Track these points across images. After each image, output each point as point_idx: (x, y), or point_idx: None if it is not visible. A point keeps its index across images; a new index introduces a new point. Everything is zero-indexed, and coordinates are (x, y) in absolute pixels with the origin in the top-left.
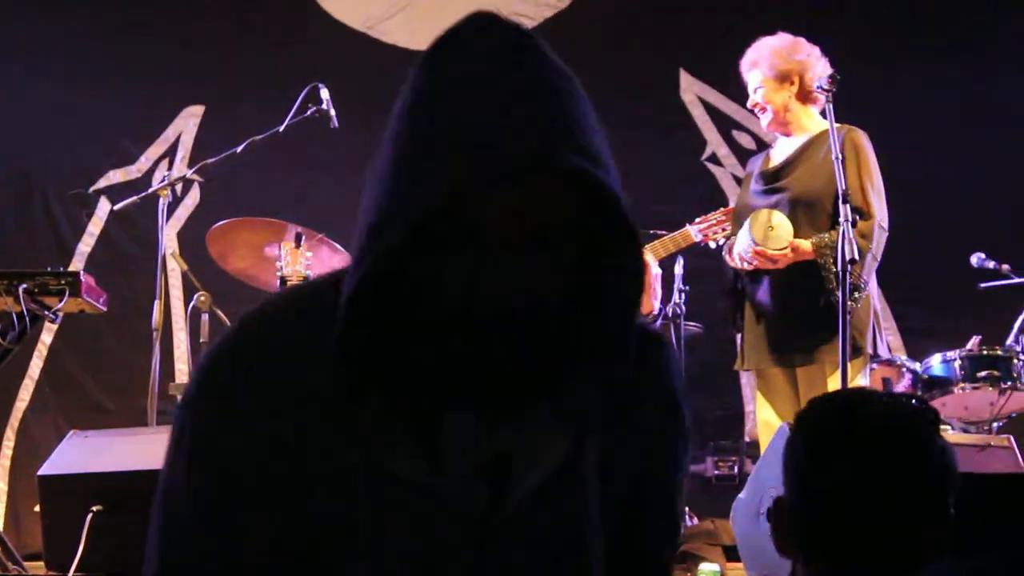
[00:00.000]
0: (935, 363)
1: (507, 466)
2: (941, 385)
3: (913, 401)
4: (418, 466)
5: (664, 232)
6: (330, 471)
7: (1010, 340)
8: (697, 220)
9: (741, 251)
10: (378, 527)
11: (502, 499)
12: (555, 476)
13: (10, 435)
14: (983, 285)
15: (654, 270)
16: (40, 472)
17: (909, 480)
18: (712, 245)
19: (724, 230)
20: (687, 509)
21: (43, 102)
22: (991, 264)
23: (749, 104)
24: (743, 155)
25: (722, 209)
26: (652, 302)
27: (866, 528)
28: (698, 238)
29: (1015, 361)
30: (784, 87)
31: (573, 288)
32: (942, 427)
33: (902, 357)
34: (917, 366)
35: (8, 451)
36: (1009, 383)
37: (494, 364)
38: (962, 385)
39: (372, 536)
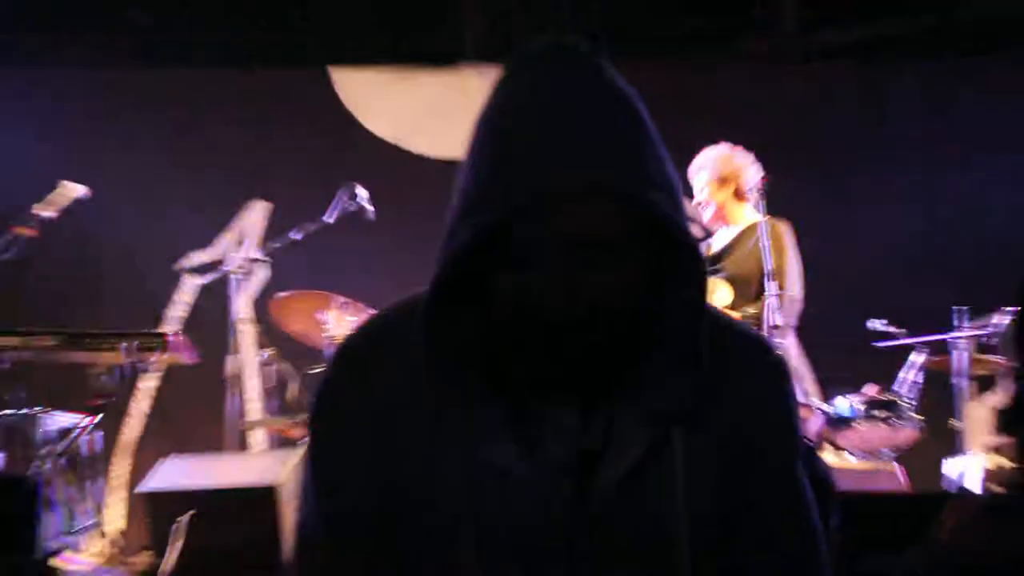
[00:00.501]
0: (841, 405)
1: (594, 458)
2: (845, 422)
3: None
4: (510, 453)
5: None
6: (428, 459)
7: (895, 386)
8: None
9: None
10: (474, 512)
11: (588, 489)
12: (640, 469)
13: (125, 458)
14: (877, 343)
15: None
16: (143, 488)
17: None
18: None
19: None
20: None
21: (140, 196)
22: (884, 326)
23: (694, 202)
24: None
25: None
26: None
27: None
28: None
29: (902, 403)
30: (724, 188)
31: (639, 295)
32: (845, 455)
33: (816, 400)
34: (827, 407)
35: (124, 470)
36: (898, 421)
37: (574, 363)
38: (861, 422)
39: (470, 521)
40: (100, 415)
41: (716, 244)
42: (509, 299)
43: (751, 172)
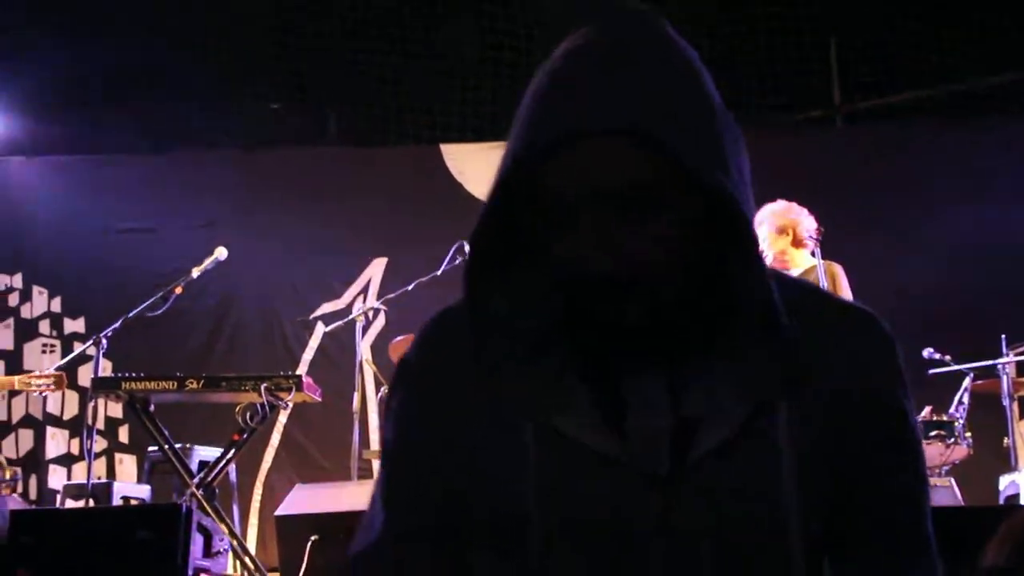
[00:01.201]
0: None
1: (687, 431)
2: None
3: None
4: (593, 426)
5: None
6: (503, 430)
7: (951, 410)
8: None
9: None
10: (550, 488)
11: (682, 460)
12: (738, 438)
13: (259, 487)
14: (932, 371)
15: None
16: (276, 512)
17: None
18: None
19: None
20: None
21: (276, 252)
22: (937, 355)
23: None
24: None
25: None
26: None
27: None
28: None
29: (956, 424)
30: (781, 237)
31: (688, 252)
32: None
33: None
34: None
35: (258, 497)
36: (952, 439)
37: (644, 331)
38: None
39: (544, 497)
40: (238, 450)
41: None
42: (560, 261)
43: (806, 222)
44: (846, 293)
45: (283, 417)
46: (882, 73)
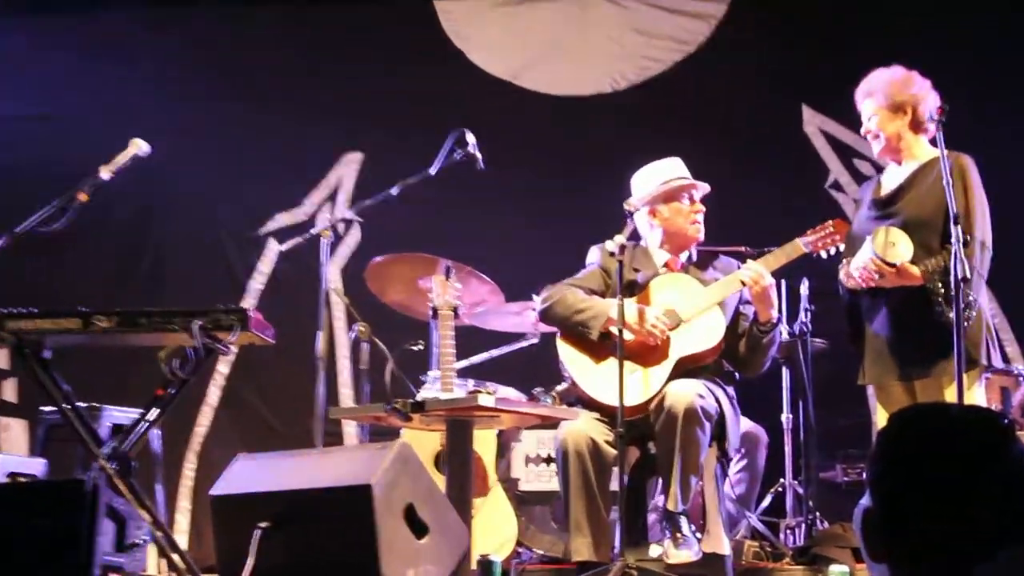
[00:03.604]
0: None
1: None
2: None
3: (989, 414)
4: None
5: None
6: None
7: None
8: (807, 232)
9: (858, 264)
10: None
11: None
12: None
13: (191, 458)
14: None
15: (767, 280)
16: (212, 492)
17: (983, 487)
18: (823, 255)
19: (834, 241)
20: (817, 514)
21: (214, 151)
22: None
23: (863, 131)
24: (864, 181)
25: (831, 221)
26: (770, 311)
27: (942, 536)
28: (807, 249)
29: None
30: (898, 117)
31: None
32: None
33: (1019, 366)
34: None
35: (190, 473)
36: None
37: None
38: None
39: None
40: (163, 409)
41: (888, 183)
42: None
43: (930, 99)
44: (979, 195)
45: (223, 366)
46: None
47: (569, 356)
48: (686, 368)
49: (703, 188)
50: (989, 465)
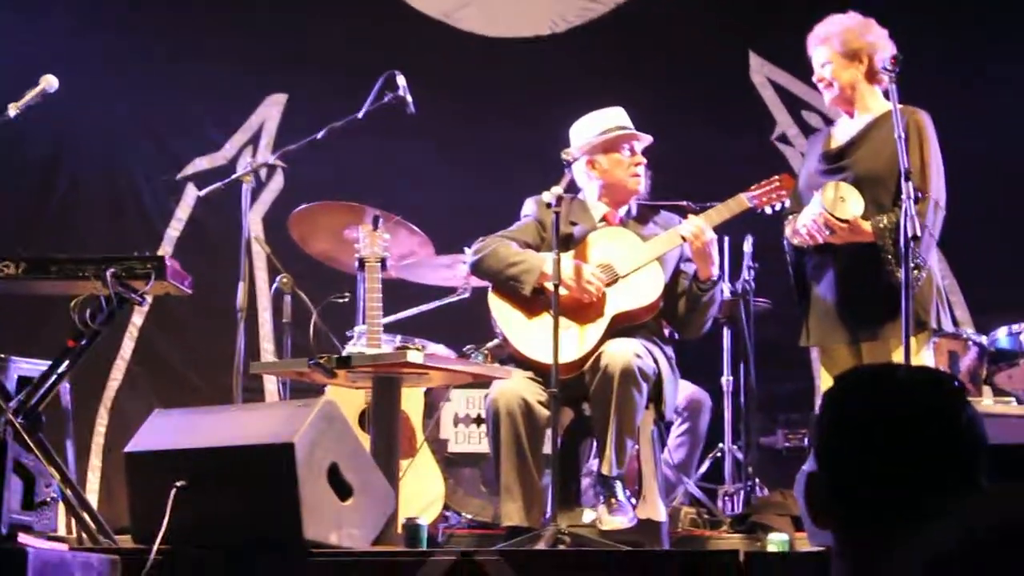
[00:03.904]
0: (1001, 336)
1: None
2: (1008, 358)
3: (937, 375)
4: None
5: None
6: None
7: None
8: (752, 187)
9: (806, 220)
10: None
11: None
12: None
13: (103, 414)
14: None
15: (708, 235)
16: (126, 449)
17: (932, 450)
18: (768, 211)
19: (779, 196)
20: (757, 480)
21: (130, 91)
22: None
23: (815, 78)
24: (812, 134)
25: (777, 176)
26: (710, 268)
27: (888, 500)
28: (751, 204)
29: None
30: (853, 65)
31: None
32: (1006, 399)
33: (968, 331)
34: (983, 339)
35: (102, 429)
36: None
37: None
38: None
39: None
40: (74, 362)
41: (839, 136)
42: None
43: (886, 47)
44: (934, 152)
45: (138, 317)
46: None
47: (501, 312)
48: (622, 326)
49: (645, 139)
50: (939, 429)
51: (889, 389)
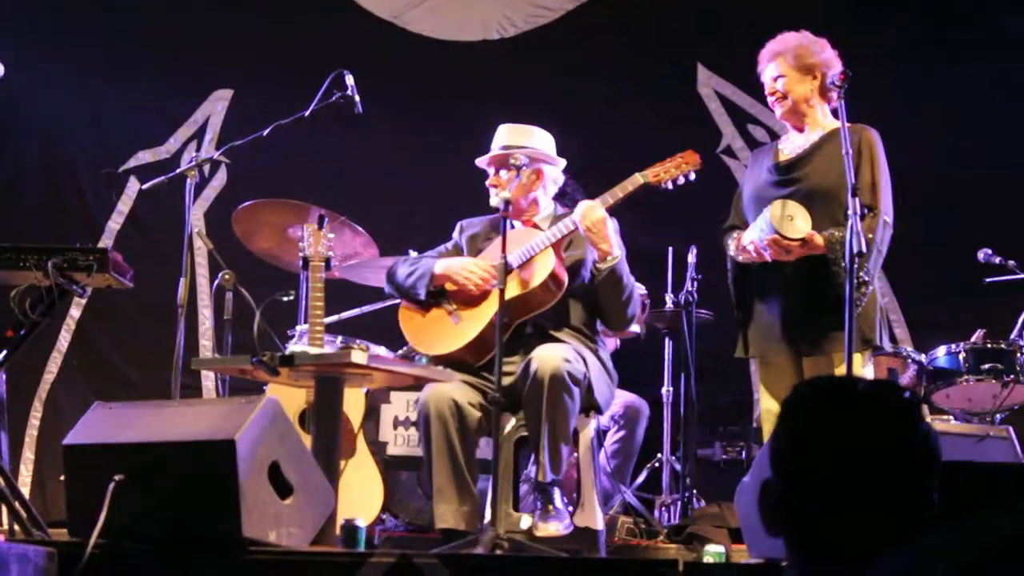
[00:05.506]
0: (940, 355)
1: None
2: (946, 376)
3: (897, 387)
4: None
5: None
6: None
7: (1013, 334)
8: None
9: (755, 239)
10: None
11: None
12: None
13: (38, 406)
14: (989, 280)
15: (597, 214)
16: (65, 441)
17: (888, 464)
18: (670, 186)
19: (681, 170)
20: (694, 492)
21: (74, 82)
22: (998, 259)
23: (767, 92)
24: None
25: (680, 153)
26: (603, 246)
27: (845, 512)
28: (644, 180)
29: (1018, 355)
30: (807, 80)
31: None
32: (944, 417)
33: (908, 348)
34: (922, 357)
35: (36, 421)
36: (1012, 376)
37: None
38: (966, 377)
39: None
40: (11, 352)
41: (788, 149)
42: None
43: (836, 65)
44: (883, 169)
45: (75, 309)
46: None
47: (405, 320)
48: (528, 317)
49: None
50: (898, 441)
51: (850, 401)
